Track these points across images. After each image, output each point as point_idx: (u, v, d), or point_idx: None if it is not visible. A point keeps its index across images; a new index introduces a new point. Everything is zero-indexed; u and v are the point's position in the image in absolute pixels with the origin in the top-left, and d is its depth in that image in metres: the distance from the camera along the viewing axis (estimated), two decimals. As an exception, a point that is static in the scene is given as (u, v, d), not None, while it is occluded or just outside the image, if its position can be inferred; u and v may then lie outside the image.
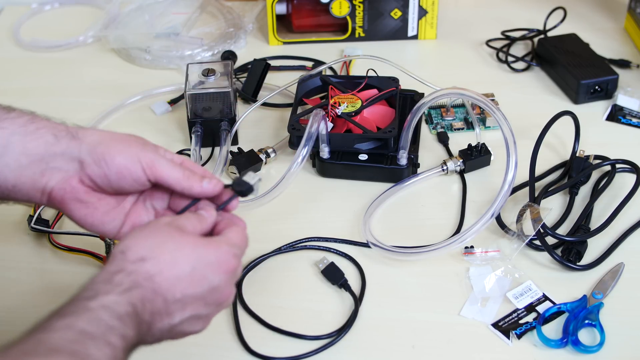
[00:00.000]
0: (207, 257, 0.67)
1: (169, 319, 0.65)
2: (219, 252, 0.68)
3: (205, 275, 0.67)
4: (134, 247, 0.65)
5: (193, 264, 0.66)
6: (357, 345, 0.85)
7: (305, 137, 0.97)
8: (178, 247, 0.66)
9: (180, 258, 0.66)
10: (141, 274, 0.64)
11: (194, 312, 0.67)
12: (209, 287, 0.67)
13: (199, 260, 0.66)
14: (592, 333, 0.85)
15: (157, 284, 0.64)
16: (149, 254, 0.65)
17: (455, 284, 0.91)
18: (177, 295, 0.65)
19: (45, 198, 0.74)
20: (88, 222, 0.75)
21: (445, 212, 1.01)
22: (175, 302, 0.65)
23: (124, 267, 0.64)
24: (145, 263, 0.64)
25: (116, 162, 0.72)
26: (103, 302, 0.61)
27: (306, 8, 1.32)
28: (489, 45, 1.30)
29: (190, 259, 0.66)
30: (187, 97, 1.08)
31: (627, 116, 1.15)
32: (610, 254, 0.93)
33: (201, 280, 0.66)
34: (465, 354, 0.84)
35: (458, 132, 1.13)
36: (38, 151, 0.72)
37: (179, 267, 0.65)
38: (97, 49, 1.33)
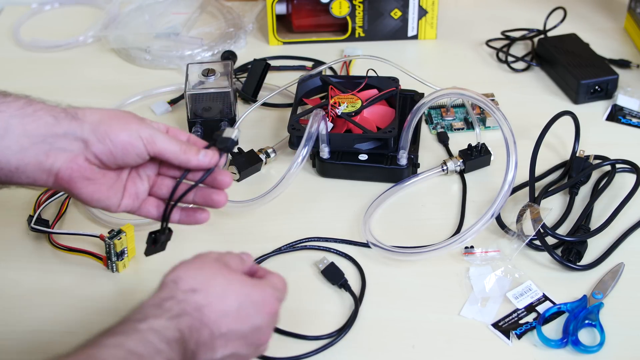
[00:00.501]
0: (254, 296, 0.70)
1: (212, 352, 0.67)
2: (264, 293, 0.71)
3: (250, 314, 0.69)
4: (185, 278, 0.68)
5: (240, 301, 0.68)
6: (357, 345, 0.85)
7: (305, 137, 0.97)
8: (228, 283, 0.69)
9: (229, 294, 0.68)
10: (191, 304, 0.66)
11: (235, 350, 0.69)
12: (252, 327, 0.69)
13: (246, 298, 0.69)
14: (592, 333, 0.85)
15: (205, 315, 0.66)
16: (200, 286, 0.67)
17: (455, 284, 0.91)
18: (223, 329, 0.67)
19: (51, 179, 0.75)
20: (95, 198, 0.77)
21: (445, 212, 1.01)
22: (220, 336, 0.67)
23: (175, 295, 0.66)
24: (195, 294, 0.67)
25: (120, 139, 0.74)
26: (152, 325, 0.63)
27: (306, 8, 1.32)
28: (489, 45, 1.30)
29: (239, 296, 0.69)
30: (187, 97, 1.08)
31: (627, 116, 1.15)
32: (610, 254, 0.93)
33: (246, 318, 0.69)
34: (465, 354, 0.84)
35: (458, 132, 1.13)
36: (39, 132, 0.73)
37: (227, 302, 0.68)
38: (97, 49, 1.33)
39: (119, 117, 0.75)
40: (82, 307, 0.89)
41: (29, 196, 1.00)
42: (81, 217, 1.00)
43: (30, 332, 0.86)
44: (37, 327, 0.87)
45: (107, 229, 0.95)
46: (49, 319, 0.87)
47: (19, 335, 0.86)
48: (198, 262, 0.71)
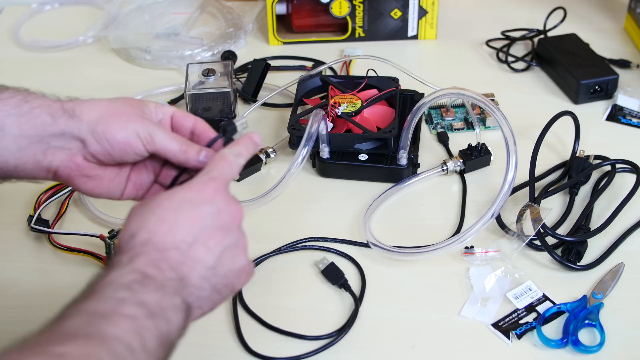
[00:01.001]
0: (186, 196, 0.66)
1: (199, 262, 0.64)
2: (193, 187, 0.66)
3: (195, 209, 0.65)
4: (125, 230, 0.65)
5: (177, 209, 0.65)
6: (357, 345, 0.85)
7: (305, 137, 0.97)
8: (157, 207, 0.65)
9: (163, 213, 0.64)
10: (137, 247, 0.63)
11: (221, 244, 0.65)
12: (209, 215, 0.65)
13: (180, 203, 0.65)
14: (592, 333, 0.85)
15: (158, 243, 0.63)
16: (137, 227, 0.64)
17: (455, 284, 0.91)
18: (188, 239, 0.64)
19: (50, 175, 0.75)
20: (96, 192, 0.77)
21: (445, 212, 1.01)
22: (191, 245, 0.64)
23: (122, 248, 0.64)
24: (135, 237, 0.64)
25: (117, 140, 0.73)
26: (105, 280, 0.61)
27: (306, 8, 1.32)
28: (489, 45, 1.30)
29: (172, 207, 0.65)
30: (187, 97, 1.08)
31: (627, 116, 1.15)
32: (610, 254, 0.93)
33: (197, 215, 0.65)
34: (465, 354, 0.84)
35: (458, 132, 1.13)
36: (36, 132, 0.72)
37: (168, 219, 0.64)
38: (97, 49, 1.33)
39: (119, 114, 0.74)
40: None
41: (29, 196, 1.00)
42: (81, 217, 1.00)
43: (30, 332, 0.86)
44: (37, 327, 0.86)
45: (107, 229, 0.95)
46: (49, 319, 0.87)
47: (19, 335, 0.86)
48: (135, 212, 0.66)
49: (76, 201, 1.01)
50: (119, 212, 0.97)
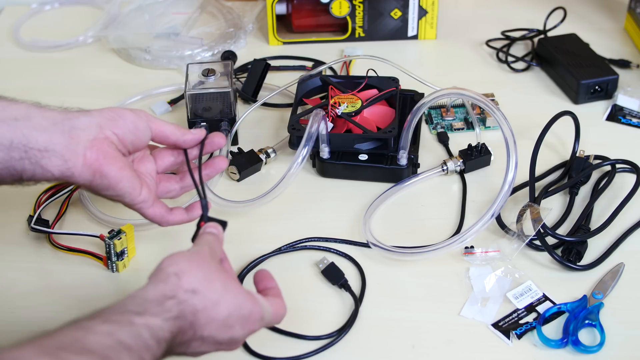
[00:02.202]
0: (243, 309, 0.70)
1: (185, 349, 0.68)
2: (253, 310, 0.71)
3: (233, 326, 0.70)
4: (188, 274, 0.68)
5: (230, 311, 0.69)
6: (357, 345, 0.85)
7: (305, 137, 0.97)
8: (224, 289, 0.69)
9: (222, 301, 0.69)
10: (189, 307, 0.67)
11: (205, 349, 0.70)
12: (230, 337, 0.70)
13: (236, 309, 0.70)
14: (592, 333, 0.85)
15: (197, 319, 0.67)
16: (200, 287, 0.68)
17: (455, 284, 0.91)
18: (205, 334, 0.68)
19: (80, 160, 0.77)
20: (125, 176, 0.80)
21: (445, 212, 1.01)
22: (200, 338, 0.68)
23: (176, 294, 0.67)
24: (195, 296, 0.67)
25: (129, 120, 0.81)
26: (149, 322, 0.64)
27: (306, 8, 1.32)
28: (489, 45, 1.30)
29: (230, 305, 0.69)
30: (187, 97, 1.08)
31: (627, 116, 1.15)
32: (610, 254, 0.93)
33: (228, 328, 0.69)
34: (465, 354, 0.84)
35: (458, 132, 1.13)
36: (56, 117, 0.77)
37: (219, 310, 0.68)
38: (97, 49, 1.33)
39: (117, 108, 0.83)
40: (82, 307, 0.88)
41: (29, 196, 1.00)
42: (81, 217, 1.00)
43: (30, 332, 0.85)
44: (37, 327, 0.86)
45: (107, 229, 0.95)
46: (49, 319, 0.87)
47: (19, 336, 0.86)
48: (198, 258, 0.71)
49: (76, 201, 1.01)
50: (118, 212, 0.97)
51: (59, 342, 0.59)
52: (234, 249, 0.94)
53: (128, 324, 0.62)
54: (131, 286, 0.91)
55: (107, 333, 0.61)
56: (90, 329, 0.61)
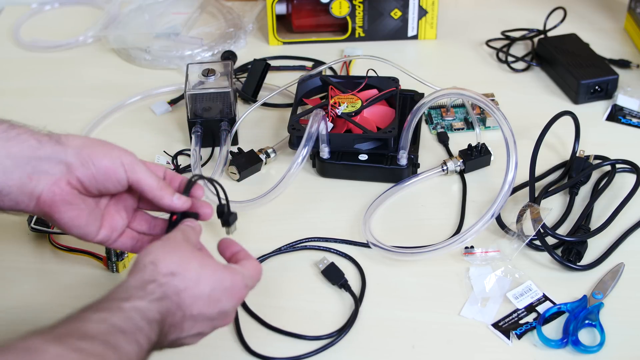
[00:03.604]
0: (225, 282, 0.71)
1: (180, 332, 0.69)
2: (234, 280, 0.72)
3: (220, 299, 0.71)
4: (164, 260, 0.69)
5: (212, 286, 0.70)
6: (357, 345, 0.85)
7: (305, 137, 0.97)
8: (202, 267, 0.70)
9: (203, 278, 0.70)
10: (171, 288, 0.68)
11: (200, 329, 0.71)
12: (219, 311, 0.71)
13: (217, 283, 0.71)
14: (592, 333, 0.85)
15: (182, 299, 0.68)
16: (177, 269, 0.69)
17: (455, 284, 0.91)
18: (194, 312, 0.69)
19: (33, 202, 0.75)
20: (75, 224, 0.77)
21: (445, 212, 1.01)
22: (190, 318, 0.69)
23: (156, 278, 0.68)
24: (174, 277, 0.68)
25: (103, 164, 0.75)
26: (136, 305, 0.65)
27: (306, 8, 1.32)
28: (489, 45, 1.30)
29: (211, 281, 0.70)
30: (187, 97, 1.08)
31: (627, 116, 1.15)
32: (610, 254, 0.93)
33: (216, 302, 0.71)
34: (465, 354, 0.84)
35: (458, 132, 1.13)
36: (23, 155, 0.74)
37: (201, 287, 0.70)
38: (97, 49, 1.33)
39: (102, 143, 0.77)
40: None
41: (29, 196, 1.00)
42: (81, 217, 1.00)
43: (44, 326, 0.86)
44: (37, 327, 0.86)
45: (107, 229, 0.95)
46: (49, 318, 0.87)
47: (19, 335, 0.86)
48: (170, 244, 0.72)
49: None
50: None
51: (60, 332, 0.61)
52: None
53: (118, 310, 0.64)
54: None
55: (101, 320, 0.63)
56: (84, 318, 0.63)
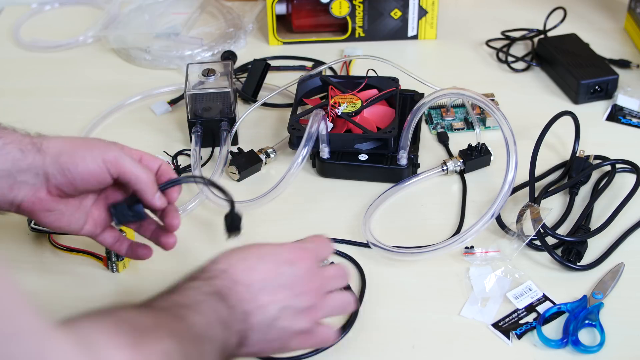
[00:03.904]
0: (273, 250, 0.74)
1: (263, 309, 0.70)
2: (285, 246, 0.75)
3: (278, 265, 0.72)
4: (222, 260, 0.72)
5: (261, 257, 0.73)
6: (357, 345, 0.85)
7: (305, 137, 0.97)
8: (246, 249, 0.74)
9: (247, 255, 0.73)
10: (216, 270, 0.71)
11: (286, 302, 0.71)
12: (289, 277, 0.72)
13: (266, 254, 0.73)
14: (592, 333, 0.85)
15: (233, 274, 0.70)
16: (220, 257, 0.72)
17: (455, 284, 0.91)
18: (258, 284, 0.71)
19: (14, 208, 0.79)
20: (56, 226, 0.81)
21: (445, 212, 1.01)
22: (260, 290, 0.70)
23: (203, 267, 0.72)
24: (217, 264, 0.72)
25: (79, 170, 0.77)
26: (189, 284, 0.69)
27: (306, 8, 1.32)
28: (489, 45, 1.30)
29: (257, 254, 0.73)
30: (187, 97, 1.08)
31: (627, 116, 1.15)
32: (610, 254, 0.93)
33: (275, 269, 0.72)
34: (465, 354, 0.84)
35: (458, 132, 1.13)
36: (5, 167, 0.76)
37: (249, 261, 0.72)
38: (97, 49, 1.33)
39: (83, 145, 0.78)
40: (82, 307, 0.88)
41: (29, 196, 1.00)
42: (81, 217, 1.00)
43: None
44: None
45: (107, 229, 0.95)
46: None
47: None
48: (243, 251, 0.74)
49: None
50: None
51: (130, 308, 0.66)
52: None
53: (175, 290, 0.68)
54: (131, 286, 0.91)
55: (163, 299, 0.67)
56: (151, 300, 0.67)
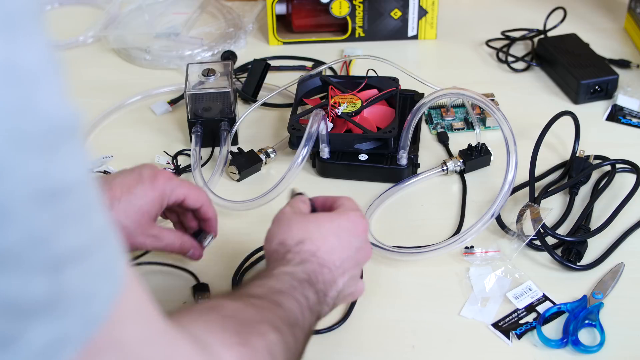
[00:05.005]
0: (345, 224, 0.77)
1: (336, 285, 0.74)
2: (350, 218, 0.78)
3: (350, 240, 0.76)
4: (288, 235, 0.75)
5: (337, 234, 0.76)
6: (357, 345, 0.85)
7: (305, 137, 0.97)
8: (320, 225, 0.76)
9: (326, 233, 0.75)
10: (306, 253, 0.73)
11: (350, 273, 0.76)
12: (355, 249, 0.76)
13: (340, 230, 0.76)
14: (592, 333, 0.85)
15: (320, 258, 0.73)
16: (303, 236, 0.74)
17: (455, 284, 0.91)
18: (337, 263, 0.74)
19: None
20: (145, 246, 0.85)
21: (445, 212, 1.01)
22: (337, 269, 0.74)
23: (290, 249, 0.74)
24: (304, 244, 0.74)
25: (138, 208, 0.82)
26: (283, 270, 0.71)
27: (306, 8, 1.32)
28: (489, 45, 1.30)
29: (334, 231, 0.76)
30: (187, 97, 1.08)
31: (627, 116, 1.15)
32: (610, 254, 0.93)
33: (348, 245, 0.76)
34: (465, 354, 0.84)
35: (458, 132, 1.13)
36: None
37: (330, 240, 0.75)
38: (97, 49, 1.33)
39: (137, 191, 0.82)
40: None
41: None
42: (81, 217, 1.00)
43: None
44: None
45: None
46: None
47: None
48: (286, 221, 0.77)
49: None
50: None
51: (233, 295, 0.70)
52: (234, 249, 0.94)
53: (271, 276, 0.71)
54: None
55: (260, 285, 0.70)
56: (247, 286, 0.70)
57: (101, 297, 0.47)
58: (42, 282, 0.43)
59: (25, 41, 0.42)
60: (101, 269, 0.47)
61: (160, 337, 0.54)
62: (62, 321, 0.45)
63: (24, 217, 0.42)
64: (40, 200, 0.42)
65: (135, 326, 0.51)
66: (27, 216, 0.42)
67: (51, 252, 0.44)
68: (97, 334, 0.46)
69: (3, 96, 0.40)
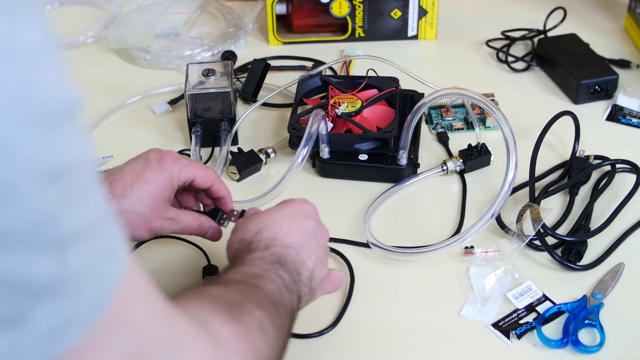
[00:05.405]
0: (294, 208, 0.78)
1: (306, 265, 0.75)
2: (296, 203, 0.79)
3: (303, 221, 0.77)
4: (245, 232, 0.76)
5: (289, 217, 0.77)
6: (357, 345, 0.85)
7: (305, 137, 0.97)
8: (271, 215, 0.77)
9: (279, 219, 0.76)
10: (267, 239, 0.75)
11: (316, 254, 0.77)
12: (311, 229, 0.77)
13: (291, 213, 0.77)
14: (592, 333, 0.85)
15: (282, 240, 0.75)
16: (258, 227, 0.76)
17: (455, 284, 0.91)
18: (300, 242, 0.75)
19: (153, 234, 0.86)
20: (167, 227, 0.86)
21: (445, 212, 1.01)
22: (301, 248, 0.75)
23: (252, 240, 0.75)
24: (262, 233, 0.75)
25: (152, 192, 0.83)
26: (253, 256, 0.73)
27: (306, 8, 1.32)
28: (489, 45, 1.30)
29: (286, 216, 0.77)
30: (187, 97, 1.08)
31: (627, 116, 1.15)
32: (610, 254, 0.93)
33: (303, 225, 0.77)
34: (465, 354, 0.84)
35: (458, 132, 1.13)
36: None
37: (284, 225, 0.76)
38: (97, 49, 1.33)
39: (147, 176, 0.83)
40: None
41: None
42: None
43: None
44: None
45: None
46: None
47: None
48: (238, 226, 0.78)
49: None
50: (119, 212, 0.97)
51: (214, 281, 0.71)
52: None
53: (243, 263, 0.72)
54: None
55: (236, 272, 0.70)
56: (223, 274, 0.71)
57: (107, 277, 0.48)
58: (48, 262, 0.43)
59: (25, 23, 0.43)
60: (105, 250, 0.48)
61: (165, 316, 0.55)
62: (69, 301, 0.45)
63: (30, 196, 0.42)
64: (44, 180, 0.43)
65: (141, 306, 0.52)
66: (33, 195, 0.42)
67: (56, 231, 0.44)
68: (104, 314, 0.47)
69: (5, 76, 0.41)
